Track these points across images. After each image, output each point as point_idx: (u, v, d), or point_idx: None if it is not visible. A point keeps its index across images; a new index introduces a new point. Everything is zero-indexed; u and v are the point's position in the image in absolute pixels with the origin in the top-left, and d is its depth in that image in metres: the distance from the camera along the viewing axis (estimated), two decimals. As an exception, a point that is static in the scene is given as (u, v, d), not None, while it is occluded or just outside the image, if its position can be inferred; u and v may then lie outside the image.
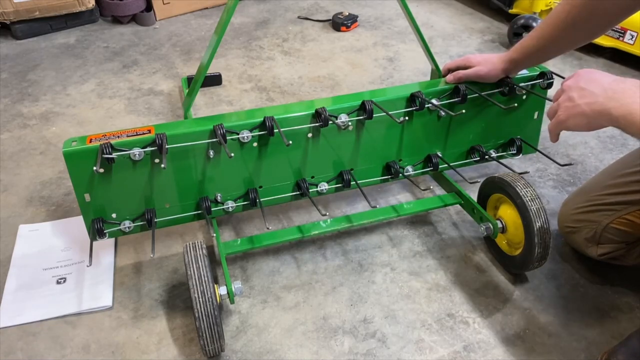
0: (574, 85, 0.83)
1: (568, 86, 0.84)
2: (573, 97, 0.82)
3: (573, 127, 0.83)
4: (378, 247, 1.24)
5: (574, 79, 0.84)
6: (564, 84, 0.86)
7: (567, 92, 0.84)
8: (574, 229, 1.12)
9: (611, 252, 1.09)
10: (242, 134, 1.03)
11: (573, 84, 0.83)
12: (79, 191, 1.00)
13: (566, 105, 0.83)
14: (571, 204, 1.14)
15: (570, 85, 0.84)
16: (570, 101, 0.83)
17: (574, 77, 0.85)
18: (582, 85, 0.82)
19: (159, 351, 1.02)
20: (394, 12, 2.38)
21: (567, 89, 0.84)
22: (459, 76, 1.15)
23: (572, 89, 0.83)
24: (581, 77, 0.83)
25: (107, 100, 1.79)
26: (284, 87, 1.85)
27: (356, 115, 1.09)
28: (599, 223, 1.07)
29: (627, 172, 1.05)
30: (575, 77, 0.84)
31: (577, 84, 0.82)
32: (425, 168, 1.23)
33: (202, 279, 0.92)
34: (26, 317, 1.07)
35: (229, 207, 1.10)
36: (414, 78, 1.90)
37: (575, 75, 0.85)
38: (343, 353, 1.01)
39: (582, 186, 1.17)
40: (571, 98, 0.82)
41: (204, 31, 2.26)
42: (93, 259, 1.00)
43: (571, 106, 0.82)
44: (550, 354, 1.01)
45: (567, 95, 0.84)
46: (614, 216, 1.05)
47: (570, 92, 0.83)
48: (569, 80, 0.85)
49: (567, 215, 1.14)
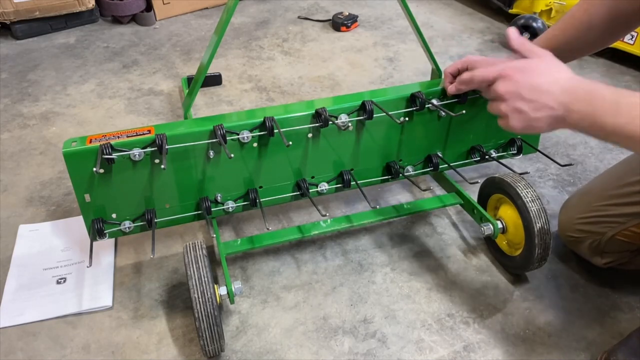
0: (515, 95, 0.75)
1: (508, 93, 0.76)
2: (523, 109, 0.74)
3: (529, 132, 0.78)
4: (378, 247, 1.24)
5: (510, 84, 0.75)
6: (498, 89, 0.77)
7: (509, 101, 0.76)
8: (577, 239, 1.10)
9: (615, 260, 1.09)
10: (242, 134, 1.03)
11: (513, 92, 0.75)
12: (79, 191, 1.00)
13: (520, 118, 0.76)
14: (573, 211, 1.12)
15: (510, 92, 0.75)
16: (521, 113, 0.75)
17: (506, 81, 0.76)
18: (528, 97, 0.74)
19: (159, 351, 1.02)
20: (394, 12, 2.38)
21: (509, 97, 0.76)
22: (459, 87, 1.11)
23: (515, 98, 0.75)
24: (520, 85, 0.74)
25: (107, 100, 1.79)
26: (284, 87, 1.85)
27: (356, 115, 1.09)
28: (603, 235, 1.05)
29: (630, 181, 1.02)
30: (509, 82, 0.75)
31: (520, 93, 0.74)
32: (425, 168, 1.23)
33: (202, 279, 0.92)
34: (26, 317, 1.07)
35: (229, 207, 1.10)
36: (414, 78, 1.90)
37: (506, 79, 0.76)
38: (343, 353, 1.01)
39: (584, 191, 1.14)
40: (520, 110, 0.75)
41: (204, 31, 2.26)
42: (93, 259, 1.00)
43: (526, 118, 0.75)
44: (550, 354, 1.01)
45: (513, 105, 0.75)
46: (618, 228, 1.03)
47: (516, 103, 0.75)
48: (502, 85, 0.76)
49: (569, 224, 1.12)
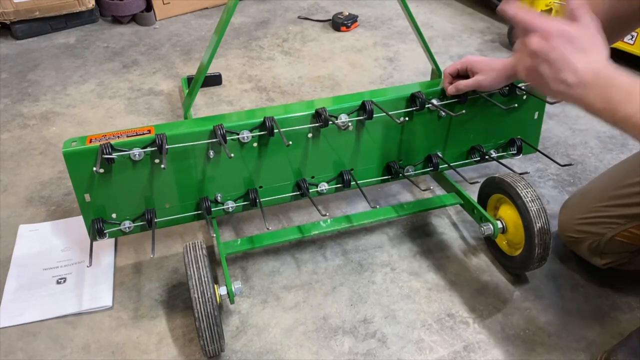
0: (544, 58, 0.72)
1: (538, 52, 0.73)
2: (543, 74, 0.73)
3: (536, 88, 0.77)
4: (378, 247, 1.24)
5: (544, 45, 0.72)
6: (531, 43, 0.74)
7: (535, 60, 0.73)
8: (577, 239, 1.10)
9: (614, 261, 1.09)
10: (242, 134, 1.03)
11: (544, 55, 0.72)
12: (79, 191, 1.00)
13: (536, 80, 0.75)
14: (573, 212, 1.12)
15: (541, 53, 0.72)
16: (540, 77, 0.74)
17: (543, 40, 0.73)
18: (554, 65, 0.71)
19: (159, 351, 1.02)
20: (394, 12, 2.38)
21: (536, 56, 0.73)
22: (459, 88, 1.10)
23: (542, 62, 0.72)
24: (554, 52, 0.71)
25: (107, 100, 1.79)
26: (284, 87, 1.85)
27: (356, 115, 1.09)
28: (603, 235, 1.05)
29: (630, 182, 1.01)
30: (545, 43, 0.72)
31: (549, 59, 0.72)
32: (425, 168, 1.23)
33: (202, 279, 0.92)
34: (26, 317, 1.07)
35: (229, 207, 1.10)
36: (414, 78, 1.90)
37: (544, 38, 0.72)
38: (343, 353, 1.01)
39: (584, 191, 1.14)
40: (540, 73, 0.73)
41: (204, 31, 2.26)
42: (93, 259, 1.00)
43: (540, 82, 0.74)
44: (550, 354, 1.01)
45: (536, 65, 0.73)
46: (618, 229, 1.03)
47: (540, 66, 0.73)
48: (537, 42, 0.73)
49: (569, 225, 1.11)
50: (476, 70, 1.08)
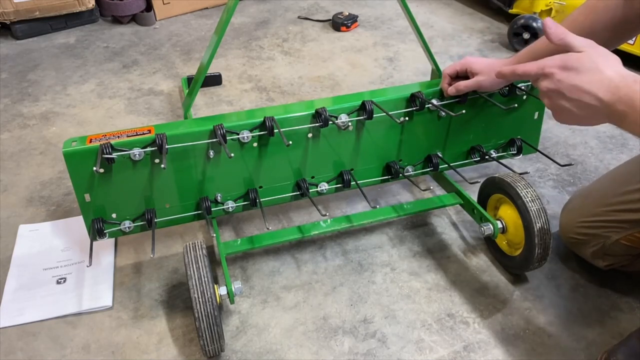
0: (558, 94, 0.73)
1: (550, 92, 0.74)
2: (567, 107, 0.73)
3: (581, 125, 0.76)
4: (378, 247, 1.24)
5: (551, 83, 0.73)
6: (540, 86, 0.75)
7: (553, 99, 0.74)
8: (580, 241, 1.10)
9: (616, 263, 1.09)
10: (242, 134, 1.03)
11: (556, 91, 0.73)
12: (79, 191, 1.00)
13: (565, 115, 0.75)
14: (575, 214, 1.11)
15: (553, 90, 0.73)
16: (566, 111, 0.74)
17: (548, 80, 0.74)
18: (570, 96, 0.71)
19: (159, 351, 1.02)
20: (394, 12, 2.38)
21: (551, 95, 0.74)
22: (459, 89, 1.10)
23: (558, 97, 0.73)
24: (562, 85, 0.72)
25: (107, 100, 1.79)
26: (284, 87, 1.85)
27: (356, 115, 1.09)
28: (607, 238, 1.05)
29: (630, 189, 1.00)
30: (550, 81, 0.73)
31: (562, 93, 0.72)
32: (425, 168, 1.23)
33: (202, 279, 0.92)
34: (26, 317, 1.07)
35: (229, 207, 1.10)
36: (414, 78, 1.90)
37: (548, 78, 0.74)
38: (343, 353, 1.01)
39: (586, 193, 1.13)
40: (564, 108, 0.73)
41: (204, 31, 2.26)
42: (93, 259, 1.00)
43: (571, 116, 0.74)
44: (550, 354, 1.01)
45: (557, 103, 0.74)
46: (622, 233, 1.02)
47: (559, 102, 0.73)
48: (544, 84, 0.74)
49: (571, 227, 1.11)
50: (476, 71, 1.08)
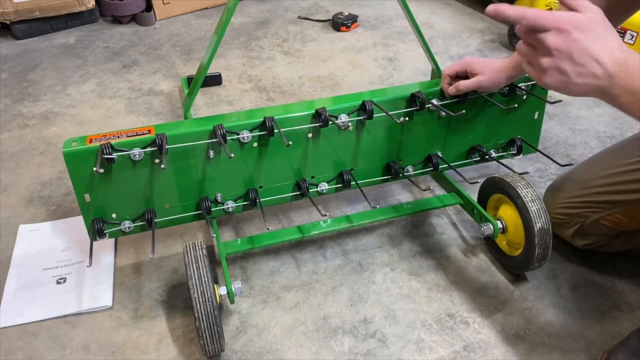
0: (565, 54, 0.70)
1: (558, 50, 0.70)
2: (566, 71, 0.70)
3: (558, 91, 0.74)
4: (378, 247, 1.24)
5: (564, 41, 0.70)
6: (548, 41, 0.71)
7: (556, 58, 0.71)
8: (561, 221, 1.13)
9: (594, 242, 1.13)
10: (242, 134, 1.03)
11: (565, 51, 0.70)
12: (79, 191, 1.00)
13: (558, 78, 0.72)
14: (558, 195, 1.14)
15: (561, 49, 0.70)
16: (563, 74, 0.71)
17: (561, 36, 0.70)
18: (577, 60, 0.69)
19: (159, 351, 1.02)
20: (394, 12, 2.38)
21: (557, 54, 0.71)
22: (459, 88, 1.10)
23: (564, 58, 0.70)
24: (575, 46, 0.69)
25: (107, 100, 1.79)
26: (284, 87, 1.85)
27: (356, 115, 1.09)
28: (587, 218, 1.09)
29: (616, 172, 1.04)
30: (564, 38, 0.70)
31: (571, 54, 0.70)
32: (425, 168, 1.23)
33: (202, 279, 0.92)
34: (26, 317, 1.07)
35: (229, 207, 1.10)
36: (414, 78, 1.90)
37: (562, 34, 0.70)
38: (343, 353, 1.01)
39: (569, 175, 1.16)
40: (563, 71, 0.71)
41: (204, 31, 2.26)
42: (93, 259, 1.00)
43: (564, 80, 0.71)
44: (550, 354, 1.01)
45: (558, 64, 0.71)
46: (601, 214, 1.07)
47: (562, 63, 0.70)
48: (554, 39, 0.70)
49: (553, 207, 1.14)
50: (476, 71, 1.08)
